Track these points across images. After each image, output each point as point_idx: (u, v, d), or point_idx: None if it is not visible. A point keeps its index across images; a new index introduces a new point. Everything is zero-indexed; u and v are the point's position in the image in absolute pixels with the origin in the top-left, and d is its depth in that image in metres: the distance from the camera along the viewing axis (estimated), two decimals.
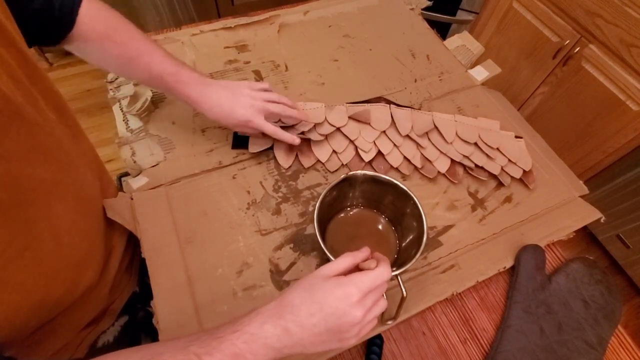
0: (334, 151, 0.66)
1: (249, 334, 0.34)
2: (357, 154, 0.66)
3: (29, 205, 0.35)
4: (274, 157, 0.66)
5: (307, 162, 0.65)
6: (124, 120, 0.67)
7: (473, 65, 0.84)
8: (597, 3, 1.11)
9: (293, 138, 0.61)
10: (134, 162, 0.63)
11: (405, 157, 0.66)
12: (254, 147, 0.65)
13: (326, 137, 0.67)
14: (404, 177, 0.66)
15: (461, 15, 1.58)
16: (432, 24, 0.92)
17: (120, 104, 0.69)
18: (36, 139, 0.36)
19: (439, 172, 0.66)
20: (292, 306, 0.35)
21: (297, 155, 0.65)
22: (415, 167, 0.66)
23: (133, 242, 0.59)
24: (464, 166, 0.67)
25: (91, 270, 0.47)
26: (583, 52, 1.19)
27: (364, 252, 0.41)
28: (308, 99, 0.74)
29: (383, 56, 0.83)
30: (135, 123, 0.67)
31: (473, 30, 1.56)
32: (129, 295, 0.59)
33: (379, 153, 0.67)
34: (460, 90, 0.79)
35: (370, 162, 0.66)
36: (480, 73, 0.82)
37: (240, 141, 0.66)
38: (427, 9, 0.97)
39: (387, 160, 0.66)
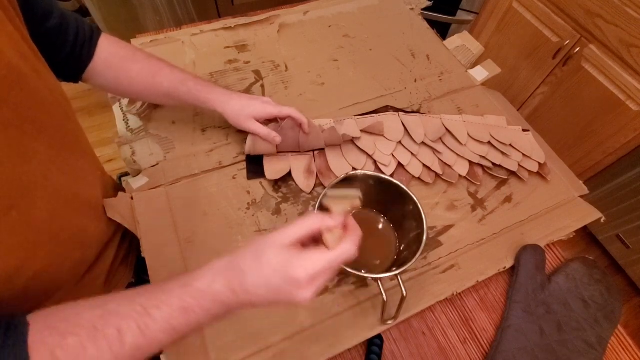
0: (353, 168, 0.64)
1: (198, 291, 0.34)
2: (378, 168, 0.65)
3: (24, 169, 0.36)
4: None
5: (328, 182, 0.62)
6: (124, 120, 0.67)
7: (473, 65, 0.84)
8: (597, 3, 1.11)
9: (269, 134, 0.60)
10: (134, 161, 0.63)
11: (424, 165, 0.66)
12: (271, 174, 0.62)
13: (343, 154, 0.65)
14: (427, 185, 0.65)
15: (461, 15, 1.58)
16: (432, 24, 0.92)
17: (120, 103, 0.69)
18: (33, 112, 0.37)
19: (460, 175, 0.66)
20: (242, 272, 0.34)
21: (317, 177, 0.63)
22: (437, 174, 0.66)
23: (130, 235, 0.59)
24: (482, 167, 0.68)
25: (79, 251, 0.46)
26: (583, 52, 1.19)
27: (335, 220, 0.36)
28: (308, 99, 0.74)
29: (383, 56, 0.83)
30: (135, 123, 0.67)
31: (473, 30, 1.56)
32: (124, 287, 0.59)
33: (399, 165, 0.65)
34: (460, 91, 0.79)
35: (391, 176, 0.64)
36: (480, 73, 0.82)
37: (254, 166, 0.64)
38: (427, 9, 0.97)
39: (407, 171, 0.65)
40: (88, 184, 0.49)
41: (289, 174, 0.63)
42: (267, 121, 0.62)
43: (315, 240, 0.37)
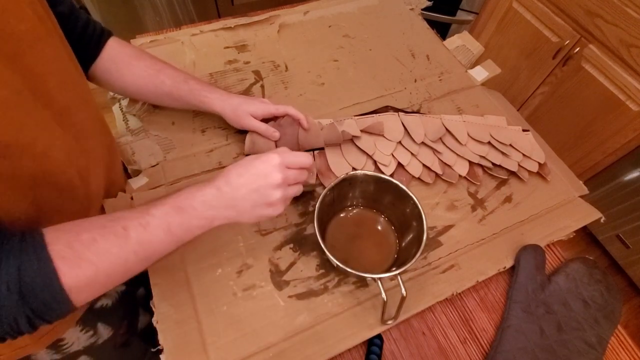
0: (353, 168, 0.64)
1: (190, 193, 0.41)
2: (378, 168, 0.65)
3: (47, 105, 0.38)
4: None
5: (328, 182, 0.60)
6: (124, 120, 0.67)
7: (473, 66, 0.84)
8: (597, 3, 1.11)
9: (268, 129, 0.61)
10: (134, 162, 0.63)
11: (424, 165, 0.66)
12: None
13: (343, 153, 0.65)
14: (427, 185, 0.65)
15: (461, 15, 1.58)
16: (432, 24, 0.92)
17: (120, 104, 0.69)
18: (54, 66, 0.39)
19: (460, 175, 0.66)
20: (226, 171, 0.43)
21: (317, 177, 0.63)
22: (437, 174, 0.65)
23: None
24: (482, 167, 0.68)
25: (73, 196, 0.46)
26: (583, 52, 1.20)
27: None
28: (308, 99, 0.74)
29: (383, 56, 0.83)
30: (135, 123, 0.67)
31: (473, 30, 1.56)
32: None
33: (399, 165, 0.65)
34: (460, 91, 0.79)
35: (391, 176, 0.64)
36: (480, 73, 0.82)
37: None
38: (427, 9, 0.97)
39: (407, 171, 0.65)
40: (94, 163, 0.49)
41: None
42: (266, 121, 0.62)
43: None
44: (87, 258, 0.34)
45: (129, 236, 0.37)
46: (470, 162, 0.67)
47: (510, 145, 0.69)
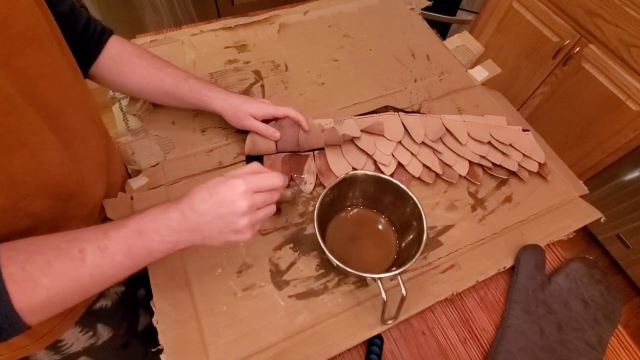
0: (353, 168, 0.64)
1: (153, 215, 0.40)
2: (378, 168, 0.65)
3: (39, 109, 0.37)
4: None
5: (328, 182, 0.60)
6: (124, 120, 0.67)
7: (473, 65, 0.84)
8: (597, 3, 1.11)
9: (268, 129, 0.61)
10: (134, 162, 0.63)
11: (424, 165, 0.65)
12: None
13: (343, 154, 0.65)
14: (427, 185, 0.65)
15: (461, 15, 1.58)
16: (432, 24, 0.92)
17: (120, 103, 0.69)
18: (48, 68, 0.39)
19: (460, 175, 0.66)
20: (190, 194, 0.41)
21: (317, 177, 0.63)
22: (437, 174, 0.65)
23: None
24: (482, 166, 0.68)
25: (76, 201, 0.46)
26: (583, 52, 1.20)
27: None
28: (308, 99, 0.74)
29: (383, 56, 0.83)
30: (135, 123, 0.67)
31: (473, 30, 1.56)
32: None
33: (399, 165, 0.65)
34: (460, 90, 0.79)
35: (391, 176, 0.63)
36: (480, 73, 0.82)
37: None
38: (427, 9, 0.97)
39: (407, 171, 0.65)
40: (95, 146, 0.49)
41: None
42: (266, 122, 0.62)
43: None
44: (40, 282, 0.33)
45: (86, 259, 0.35)
46: (470, 162, 0.67)
47: (510, 145, 0.69)
